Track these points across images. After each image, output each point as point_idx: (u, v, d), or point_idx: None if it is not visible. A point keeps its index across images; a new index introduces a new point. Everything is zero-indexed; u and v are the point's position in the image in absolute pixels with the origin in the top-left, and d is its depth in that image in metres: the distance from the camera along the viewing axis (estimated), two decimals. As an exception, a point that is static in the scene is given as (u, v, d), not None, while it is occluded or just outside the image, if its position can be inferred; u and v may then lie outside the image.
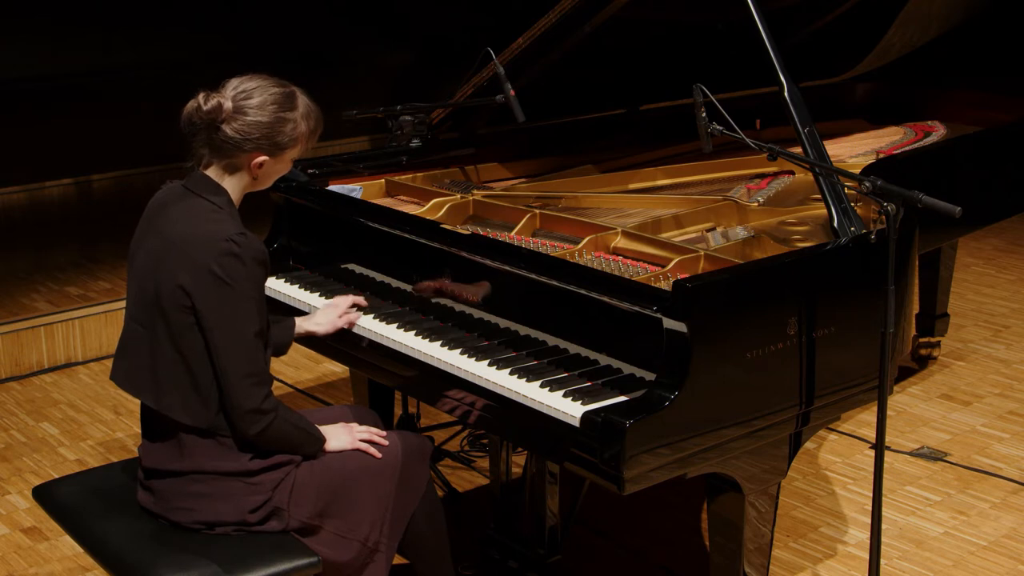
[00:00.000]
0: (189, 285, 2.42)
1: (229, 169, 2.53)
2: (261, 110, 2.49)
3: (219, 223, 2.46)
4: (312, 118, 2.58)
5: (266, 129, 2.49)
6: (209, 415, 2.48)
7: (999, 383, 4.65)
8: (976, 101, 4.55)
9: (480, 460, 3.96)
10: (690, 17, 3.81)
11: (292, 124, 2.53)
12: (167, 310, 2.45)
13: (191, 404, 2.48)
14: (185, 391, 2.48)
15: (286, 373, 4.83)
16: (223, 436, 2.50)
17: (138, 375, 2.54)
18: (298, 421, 2.57)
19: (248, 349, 2.45)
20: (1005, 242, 6.43)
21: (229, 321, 2.43)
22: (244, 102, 2.49)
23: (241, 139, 2.48)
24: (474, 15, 8.41)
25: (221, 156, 2.52)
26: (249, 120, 2.48)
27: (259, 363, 2.48)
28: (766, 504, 2.75)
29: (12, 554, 3.53)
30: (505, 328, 2.80)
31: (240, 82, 2.52)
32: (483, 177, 3.72)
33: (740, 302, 2.53)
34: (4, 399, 4.68)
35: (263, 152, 2.52)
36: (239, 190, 2.56)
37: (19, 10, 7.37)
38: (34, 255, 6.02)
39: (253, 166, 2.53)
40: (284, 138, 2.52)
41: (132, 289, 2.58)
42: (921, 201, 2.52)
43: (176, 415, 2.48)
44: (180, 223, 2.48)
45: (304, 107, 2.56)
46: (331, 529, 2.57)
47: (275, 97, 2.51)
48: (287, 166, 2.61)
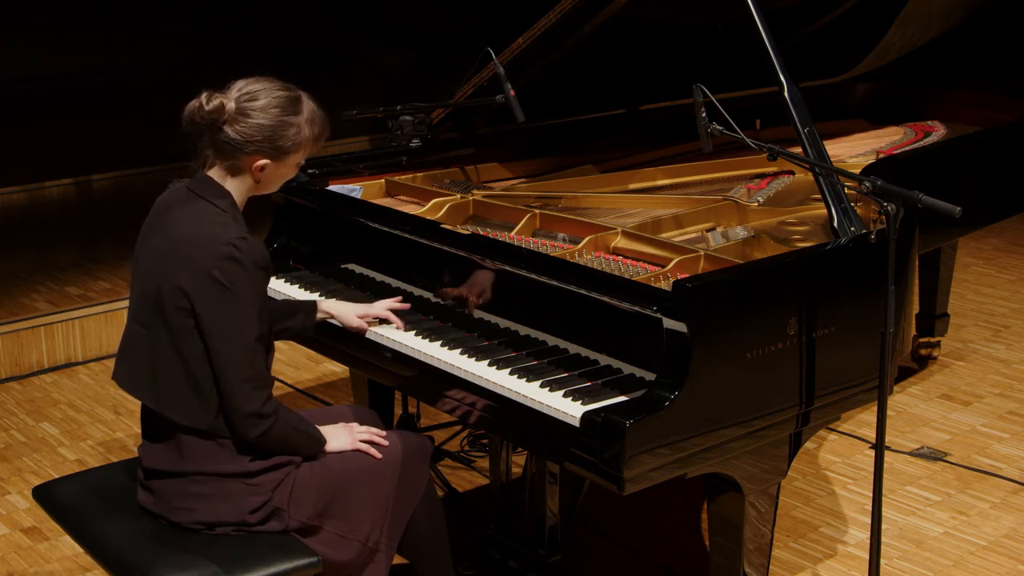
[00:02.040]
0: (189, 288, 2.42)
1: (232, 171, 2.53)
2: (264, 113, 2.48)
3: (222, 226, 2.45)
4: (317, 124, 2.56)
5: (268, 132, 2.48)
6: (208, 417, 2.48)
7: (999, 383, 4.65)
8: (976, 101, 4.55)
9: (480, 460, 3.96)
10: (690, 17, 3.81)
11: (295, 128, 2.51)
12: (167, 312, 2.45)
13: (190, 406, 2.48)
14: (185, 393, 2.48)
15: (286, 373, 4.83)
16: (223, 438, 2.50)
17: (139, 376, 2.54)
18: (298, 423, 2.56)
19: (248, 353, 2.44)
20: (1005, 242, 6.43)
21: (229, 325, 2.42)
22: (247, 104, 2.48)
23: (243, 141, 2.48)
24: (474, 15, 8.42)
25: (224, 157, 2.51)
26: (251, 122, 2.47)
27: (259, 367, 2.47)
28: (766, 504, 2.75)
29: (12, 554, 3.53)
30: (505, 328, 2.80)
31: (246, 84, 2.51)
32: (483, 177, 3.72)
33: (740, 302, 2.53)
34: (4, 399, 4.68)
35: (264, 155, 2.51)
36: (242, 193, 2.56)
37: (19, 10, 7.37)
38: (34, 255, 6.02)
39: (255, 169, 2.52)
40: (286, 142, 2.51)
41: (135, 290, 2.58)
42: (921, 201, 2.52)
43: (175, 416, 2.48)
44: (183, 225, 2.48)
45: (309, 112, 2.55)
46: (331, 529, 2.57)
47: (279, 100, 2.50)
48: (291, 171, 2.59)
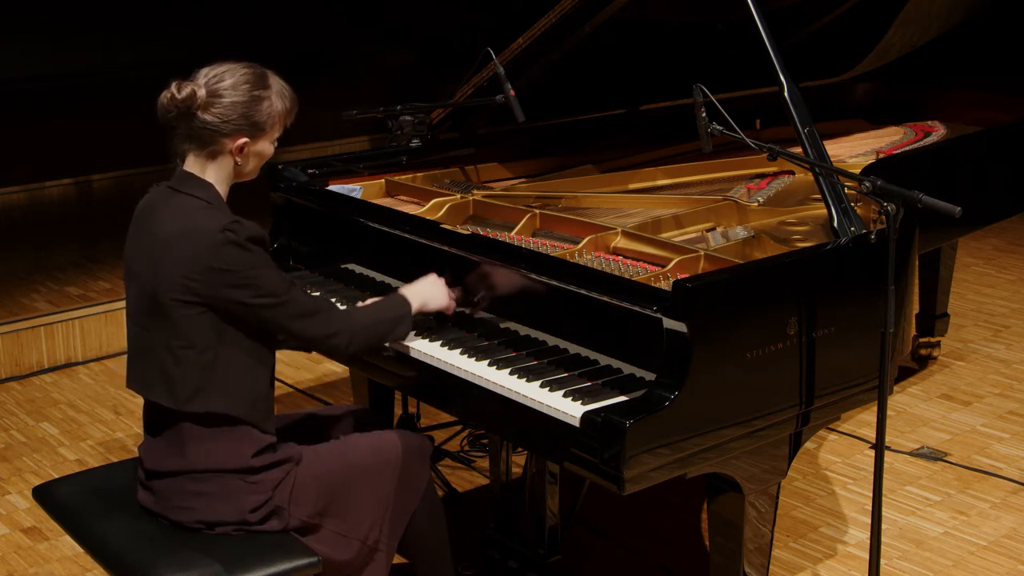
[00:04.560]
0: (197, 285, 2.43)
1: (211, 156, 2.54)
2: (235, 90, 2.50)
3: (211, 217, 2.47)
4: (287, 96, 2.59)
5: (243, 109, 2.50)
6: (226, 401, 2.49)
7: (999, 383, 4.65)
8: (976, 101, 4.55)
9: (480, 460, 3.96)
10: (690, 17, 3.81)
11: (268, 102, 2.54)
12: (167, 308, 2.45)
13: (207, 394, 2.48)
14: (200, 384, 2.48)
15: (286, 373, 4.83)
16: (240, 423, 2.51)
17: (151, 378, 2.53)
18: (373, 314, 2.70)
19: (289, 302, 2.51)
20: (1005, 242, 6.43)
21: (259, 296, 2.46)
22: (217, 85, 2.50)
23: (219, 122, 2.49)
24: (474, 15, 8.42)
25: (201, 145, 2.53)
26: (225, 102, 2.49)
27: (301, 299, 2.55)
28: (766, 504, 2.75)
29: (12, 554, 3.53)
30: (505, 328, 2.80)
31: (210, 69, 2.54)
32: (483, 177, 3.72)
33: (740, 302, 2.53)
34: (4, 399, 4.68)
35: (243, 134, 2.52)
36: (224, 179, 2.56)
37: (19, 10, 7.37)
38: (34, 255, 6.03)
39: (234, 150, 2.53)
40: (262, 116, 2.53)
41: (131, 294, 2.58)
42: (921, 201, 2.52)
43: (194, 408, 2.49)
44: (170, 223, 2.48)
45: (278, 85, 2.58)
46: (331, 528, 2.57)
47: (247, 77, 2.53)
48: (269, 149, 2.60)
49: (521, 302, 2.77)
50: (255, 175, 2.64)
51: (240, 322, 2.49)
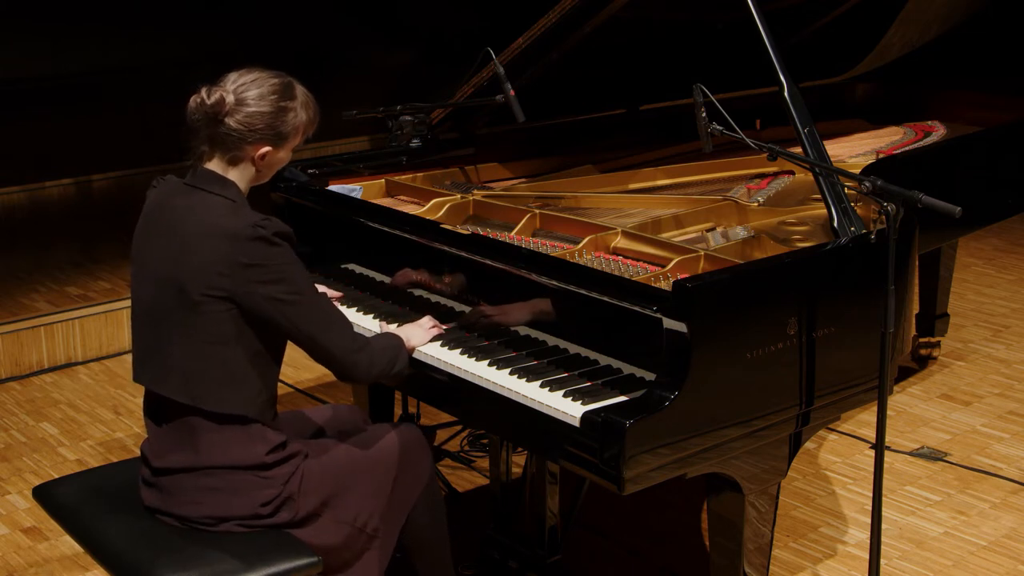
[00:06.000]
0: (225, 278, 2.43)
1: (233, 162, 2.55)
2: (262, 100, 2.52)
3: (238, 215, 2.48)
4: (311, 107, 2.61)
5: (269, 119, 2.52)
6: (244, 402, 2.50)
7: (999, 383, 4.65)
8: (976, 101, 4.55)
9: (480, 460, 3.97)
10: (690, 17, 3.81)
11: (293, 113, 2.56)
12: (197, 302, 2.45)
13: (227, 393, 2.49)
14: (220, 381, 2.48)
15: (286, 373, 4.83)
16: (255, 423, 2.51)
17: (168, 375, 2.52)
18: (381, 341, 2.69)
19: (314, 304, 2.52)
20: (1005, 242, 6.43)
21: (290, 293, 2.47)
22: (245, 94, 2.51)
23: (245, 131, 2.51)
24: (474, 15, 8.41)
25: (224, 150, 2.54)
26: (251, 111, 2.50)
27: (328, 308, 2.56)
28: (766, 504, 2.75)
29: (12, 554, 3.53)
30: (505, 328, 2.80)
31: (239, 75, 2.55)
32: (483, 177, 3.72)
33: (740, 302, 2.53)
34: (4, 399, 4.68)
35: (267, 143, 2.54)
36: (245, 182, 2.58)
37: (19, 10, 7.36)
38: (34, 255, 6.02)
39: (256, 157, 2.55)
40: (287, 127, 2.56)
41: (144, 292, 2.57)
42: (921, 201, 2.52)
43: (212, 406, 2.49)
44: (193, 220, 2.48)
45: (303, 96, 2.60)
46: (328, 517, 2.58)
47: (274, 87, 2.54)
48: (287, 156, 2.63)
49: (521, 302, 2.77)
50: (269, 178, 2.66)
51: (261, 322, 2.48)
